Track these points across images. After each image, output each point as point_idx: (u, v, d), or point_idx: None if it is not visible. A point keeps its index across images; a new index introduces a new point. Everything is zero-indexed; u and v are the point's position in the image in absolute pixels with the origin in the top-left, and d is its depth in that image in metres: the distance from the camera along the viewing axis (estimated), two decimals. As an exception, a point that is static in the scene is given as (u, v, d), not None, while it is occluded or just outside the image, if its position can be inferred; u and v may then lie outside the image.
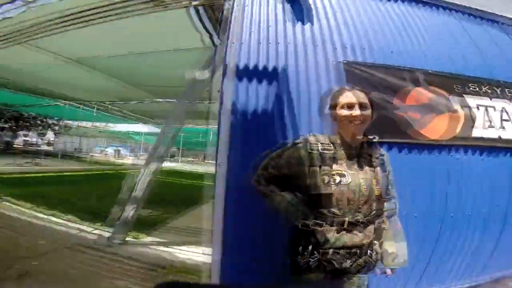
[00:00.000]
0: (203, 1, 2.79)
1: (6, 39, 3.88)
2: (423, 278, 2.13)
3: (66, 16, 3.33)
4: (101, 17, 3.18)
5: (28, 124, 19.02)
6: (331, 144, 1.24)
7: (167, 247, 3.18)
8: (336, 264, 1.16)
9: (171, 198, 6.13)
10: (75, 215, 4.03)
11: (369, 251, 1.22)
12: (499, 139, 2.15)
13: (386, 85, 2.04)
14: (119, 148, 22.04)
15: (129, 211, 3.13)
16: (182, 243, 3.34)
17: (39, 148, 19.94)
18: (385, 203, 1.29)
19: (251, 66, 1.94)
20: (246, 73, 1.92)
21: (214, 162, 1.81)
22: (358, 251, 1.19)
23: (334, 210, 1.17)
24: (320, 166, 1.19)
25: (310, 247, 1.17)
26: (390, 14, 2.44)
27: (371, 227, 1.21)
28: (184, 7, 2.90)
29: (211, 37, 3.52)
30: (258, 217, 1.75)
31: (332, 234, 1.16)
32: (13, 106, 14.48)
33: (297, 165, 1.24)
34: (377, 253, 1.24)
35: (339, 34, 2.18)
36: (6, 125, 17.85)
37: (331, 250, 1.16)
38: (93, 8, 3.10)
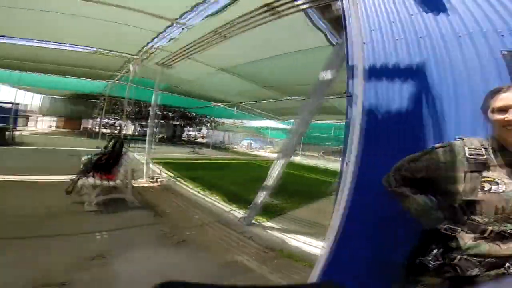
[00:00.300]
0: (311, 4, 2.86)
1: (176, 55, 5.36)
2: None
3: (207, 34, 4.26)
4: (233, 30, 3.85)
5: (190, 121, 25.37)
6: (483, 149, 1.13)
7: (281, 233, 3.48)
8: (460, 271, 1.09)
9: (293, 189, 6.51)
10: (219, 196, 5.06)
11: (507, 264, 1.08)
12: None
13: None
14: (251, 142, 25.35)
15: (260, 198, 3.64)
16: (296, 232, 3.58)
17: (197, 140, 26.03)
18: None
19: (378, 65, 1.87)
20: (374, 73, 1.86)
21: (338, 158, 1.89)
22: (493, 262, 1.08)
23: (476, 217, 1.09)
24: (465, 173, 1.11)
25: (435, 251, 1.13)
26: None
27: None
28: (296, 11, 3.08)
29: (326, 36, 3.54)
30: (382, 219, 1.71)
31: (467, 241, 1.09)
32: (182, 108, 19.66)
33: (436, 170, 1.19)
34: None
35: (486, 20, 1.69)
36: (178, 123, 24.38)
37: (459, 257, 1.09)
38: (227, 24, 3.79)
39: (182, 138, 24.24)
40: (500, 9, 1.66)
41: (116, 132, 18.45)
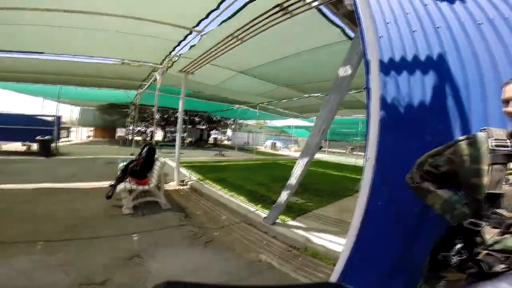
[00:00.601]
0: (321, 1, 2.87)
1: (197, 62, 5.60)
2: None
3: (225, 39, 4.42)
4: (248, 33, 3.97)
5: (215, 125, 26.01)
6: (509, 141, 1.09)
7: (306, 232, 3.50)
8: (484, 267, 1.07)
9: (317, 188, 6.48)
10: (244, 197, 5.19)
11: None
12: None
13: None
14: (274, 141, 25.32)
15: (283, 197, 3.71)
16: (321, 230, 3.59)
17: (222, 142, 26.56)
18: None
19: (396, 58, 1.85)
20: (392, 67, 1.84)
21: (363, 154, 1.90)
22: None
23: (502, 211, 1.06)
24: (490, 165, 1.08)
25: (458, 246, 1.12)
26: None
27: None
28: (308, 9, 3.11)
29: (343, 31, 3.52)
30: (404, 215, 1.71)
31: (491, 236, 1.07)
32: (207, 112, 20.23)
33: (459, 163, 1.17)
34: None
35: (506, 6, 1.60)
36: (204, 127, 25.11)
37: (484, 252, 1.07)
38: (242, 27, 3.90)
39: (209, 142, 24.88)
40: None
41: (147, 139, 19.51)
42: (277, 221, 3.80)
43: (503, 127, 1.17)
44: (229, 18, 3.75)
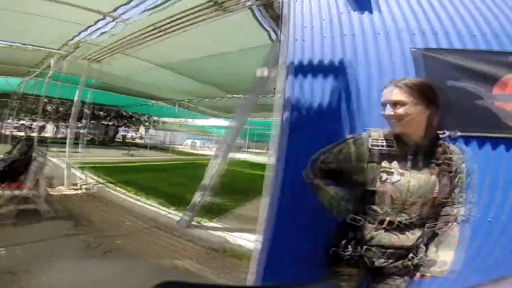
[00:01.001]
0: (256, 2, 2.85)
1: (108, 50, 4.81)
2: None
3: (145, 29, 3.92)
4: (176, 28, 3.61)
5: (125, 121, 23.12)
6: (385, 141, 1.16)
7: (224, 232, 3.43)
8: (367, 262, 1.17)
9: (237, 187, 6.51)
10: (155, 200, 4.70)
11: (411, 255, 1.18)
12: None
13: (468, 71, 1.73)
14: (195, 141, 24.53)
15: (197, 198, 3.48)
16: (240, 229, 3.56)
17: (133, 141, 23.92)
18: (446, 208, 1.19)
19: (306, 61, 1.92)
20: (303, 69, 1.90)
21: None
22: (396, 252, 1.16)
23: (376, 207, 1.15)
24: (367, 163, 1.15)
25: (344, 242, 1.19)
26: None
27: (417, 231, 1.16)
28: (241, 8, 3.03)
29: (269, 34, 3.59)
30: (307, 212, 1.76)
31: (369, 231, 1.16)
32: (117, 106, 17.83)
33: (345, 160, 1.23)
34: (421, 258, 1.18)
35: (414, 19, 1.94)
36: (111, 123, 22.04)
37: (365, 247, 1.16)
38: (169, 18, 3.52)
39: (116, 139, 22.04)
40: (417, 9, 1.92)
41: (33, 134, 15.70)
42: (193, 223, 3.56)
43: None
44: (155, 7, 3.31)
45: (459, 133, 1.20)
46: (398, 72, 1.77)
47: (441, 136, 1.14)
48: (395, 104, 1.10)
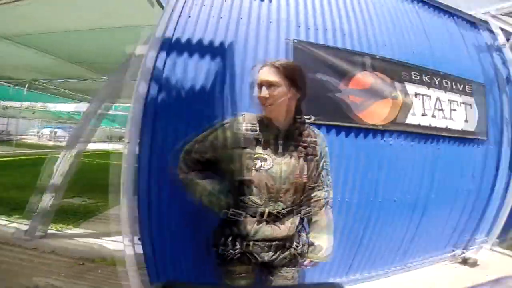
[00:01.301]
0: None
1: None
2: (353, 265, 2.23)
3: None
4: None
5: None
6: (258, 124, 1.09)
7: (99, 238, 2.86)
8: (256, 257, 1.10)
9: (102, 184, 5.56)
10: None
11: (294, 244, 1.15)
12: (429, 126, 2.27)
13: (334, 67, 1.99)
14: (56, 130, 19.18)
15: (48, 200, 2.71)
16: (112, 233, 3.05)
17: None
18: (316, 192, 1.19)
19: (183, 40, 1.74)
20: (182, 49, 1.72)
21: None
22: (280, 244, 1.11)
23: (254, 198, 1.06)
24: (243, 149, 1.06)
25: (229, 239, 1.09)
26: None
27: (295, 219, 1.13)
28: None
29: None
30: (186, 207, 1.62)
31: (252, 226, 1.07)
32: None
33: (221, 148, 1.11)
34: (303, 245, 1.17)
35: (295, 13, 2.06)
36: None
37: (251, 242, 1.08)
38: None
39: None
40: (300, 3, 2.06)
41: None
42: (50, 231, 2.78)
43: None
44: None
45: (313, 118, 1.25)
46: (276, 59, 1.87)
47: (307, 121, 1.16)
48: (271, 85, 1.03)
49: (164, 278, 1.66)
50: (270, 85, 1.04)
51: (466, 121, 2.49)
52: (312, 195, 1.18)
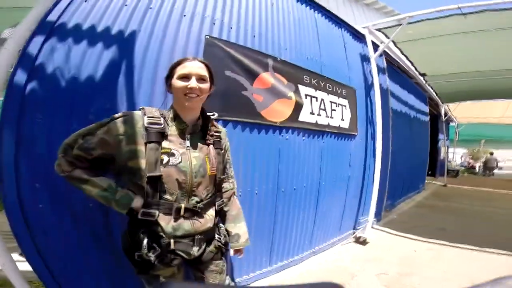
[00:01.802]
0: None
1: None
2: (273, 253, 2.45)
3: None
4: None
5: None
6: (162, 119, 1.07)
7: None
8: (183, 254, 1.06)
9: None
10: None
11: (216, 236, 1.19)
12: (315, 123, 2.70)
13: (243, 65, 2.10)
14: None
15: None
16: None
17: None
18: (224, 184, 1.27)
19: (83, 25, 1.50)
20: (74, 33, 1.46)
21: None
22: (203, 237, 1.12)
23: (166, 195, 1.03)
24: (145, 144, 1.01)
25: (145, 241, 0.99)
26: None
27: (212, 211, 1.16)
28: None
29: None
30: (79, 211, 1.44)
31: (168, 223, 1.03)
32: None
33: (115, 144, 1.02)
34: (225, 236, 1.23)
35: (212, 8, 2.03)
36: None
37: (172, 240, 1.03)
38: None
39: None
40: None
41: None
42: None
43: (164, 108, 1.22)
44: None
45: (216, 114, 1.27)
46: (185, 54, 1.79)
47: (212, 117, 1.21)
48: (201, 78, 1.08)
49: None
50: (200, 78, 1.08)
51: (342, 119, 3.07)
52: (222, 186, 1.26)
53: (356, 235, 3.40)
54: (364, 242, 3.27)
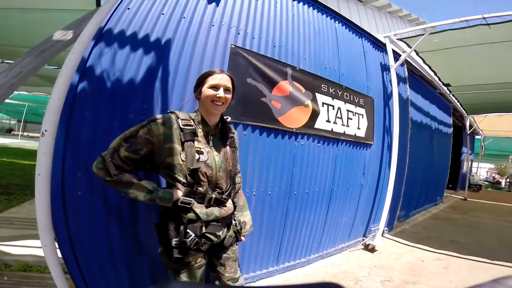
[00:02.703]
0: None
1: None
2: (281, 253, 2.55)
3: None
4: None
5: None
6: (192, 121, 1.25)
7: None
8: (212, 237, 1.23)
9: (5, 183, 4.69)
10: None
11: (233, 221, 1.37)
12: (331, 131, 2.78)
13: (263, 74, 2.23)
14: None
15: None
16: (18, 237, 2.63)
17: None
18: (235, 178, 1.44)
19: (127, 32, 1.67)
20: (116, 39, 1.62)
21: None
22: (225, 222, 1.31)
23: (199, 187, 1.21)
24: (183, 143, 1.18)
25: (182, 227, 1.16)
26: (283, 9, 2.54)
27: (230, 200, 1.35)
28: None
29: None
30: (114, 204, 1.61)
31: (201, 210, 1.21)
32: None
33: (156, 142, 1.17)
34: (239, 223, 1.41)
35: (237, 19, 2.18)
36: None
37: (204, 225, 1.21)
38: None
39: None
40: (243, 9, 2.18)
41: None
42: None
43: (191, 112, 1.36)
44: None
45: (229, 118, 1.47)
46: (213, 62, 1.97)
47: (228, 120, 1.40)
48: (227, 90, 1.27)
49: (91, 283, 1.57)
50: (226, 89, 1.28)
51: (358, 128, 3.12)
52: (234, 180, 1.42)
53: (365, 242, 3.43)
54: (372, 250, 3.29)
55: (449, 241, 3.81)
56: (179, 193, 1.19)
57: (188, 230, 1.17)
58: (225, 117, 1.39)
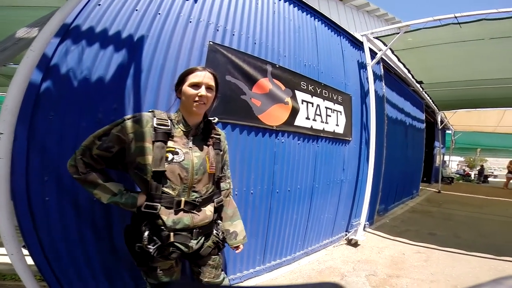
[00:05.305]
0: None
1: None
2: (267, 252, 2.54)
3: None
4: None
5: None
6: (169, 121, 1.18)
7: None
8: (182, 247, 1.15)
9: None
10: None
11: (214, 231, 1.28)
12: (311, 128, 2.80)
13: (243, 71, 2.20)
14: None
15: None
16: None
17: None
18: (221, 183, 1.38)
19: (83, 28, 1.55)
20: (85, 36, 1.54)
21: None
22: (202, 231, 1.21)
23: (168, 190, 1.13)
24: (153, 142, 1.11)
25: (146, 233, 1.09)
26: (264, 6, 2.52)
27: (210, 206, 1.25)
28: None
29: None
30: (84, 206, 1.51)
31: (169, 216, 1.12)
32: None
33: (127, 141, 1.12)
34: (223, 232, 1.32)
35: (216, 15, 2.13)
36: None
37: (172, 234, 1.12)
38: None
39: None
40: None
41: None
42: None
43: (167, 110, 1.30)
44: None
45: (216, 119, 1.37)
46: (189, 59, 1.91)
47: (213, 121, 1.32)
48: (209, 88, 1.20)
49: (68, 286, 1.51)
50: (208, 88, 1.20)
51: (337, 125, 3.18)
52: (220, 185, 1.36)
53: (348, 237, 3.51)
54: (355, 244, 3.37)
55: (427, 234, 3.97)
56: (144, 197, 1.13)
57: (154, 237, 1.10)
58: (211, 118, 1.32)
